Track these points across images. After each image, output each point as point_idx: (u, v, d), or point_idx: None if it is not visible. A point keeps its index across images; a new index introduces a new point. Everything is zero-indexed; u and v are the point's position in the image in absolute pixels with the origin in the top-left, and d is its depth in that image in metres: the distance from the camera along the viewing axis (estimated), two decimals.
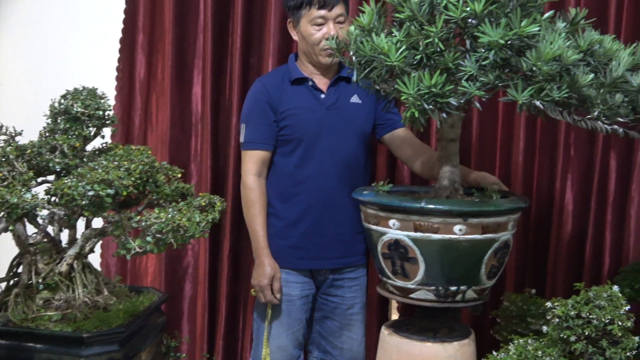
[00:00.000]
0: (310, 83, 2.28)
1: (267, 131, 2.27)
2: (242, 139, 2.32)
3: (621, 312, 1.64)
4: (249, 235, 2.34)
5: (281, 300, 2.29)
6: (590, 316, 1.64)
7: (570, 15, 1.58)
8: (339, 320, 2.40)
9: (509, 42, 1.40)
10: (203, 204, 1.73)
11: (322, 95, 2.28)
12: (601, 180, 2.63)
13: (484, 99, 1.51)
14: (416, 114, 1.46)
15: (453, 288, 1.74)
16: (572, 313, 1.66)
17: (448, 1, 1.50)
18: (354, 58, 1.65)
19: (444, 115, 1.50)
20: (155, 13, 2.78)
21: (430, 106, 1.46)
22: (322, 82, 2.30)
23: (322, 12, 2.16)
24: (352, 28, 1.69)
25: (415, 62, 1.53)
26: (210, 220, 1.67)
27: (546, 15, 1.51)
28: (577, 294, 1.71)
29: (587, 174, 2.65)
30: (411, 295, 1.79)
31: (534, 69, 1.38)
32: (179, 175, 1.83)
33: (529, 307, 2.16)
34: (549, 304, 1.73)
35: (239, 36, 2.69)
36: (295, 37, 2.30)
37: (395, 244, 1.74)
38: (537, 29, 1.41)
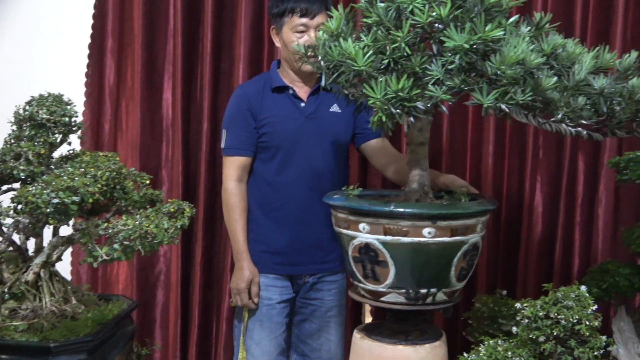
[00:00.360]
0: (290, 91, 2.30)
1: (248, 137, 2.28)
2: (222, 145, 2.33)
3: (588, 312, 1.67)
4: (230, 239, 2.35)
5: (262, 305, 2.31)
6: (559, 316, 1.66)
7: (535, 19, 1.60)
8: (317, 322, 2.42)
9: (474, 46, 1.41)
10: (172, 210, 1.72)
11: (302, 104, 2.30)
12: (570, 181, 2.67)
13: (450, 103, 1.52)
14: (384, 118, 1.46)
15: (423, 291, 1.75)
16: (541, 314, 1.68)
17: (414, 6, 1.50)
18: (322, 63, 1.65)
19: (412, 119, 1.50)
20: (125, 18, 2.76)
21: (398, 110, 1.47)
22: (302, 91, 2.31)
23: (304, 20, 2.18)
24: (320, 33, 1.69)
25: (382, 67, 1.54)
26: (179, 227, 1.65)
27: (511, 19, 1.53)
28: (545, 294, 1.73)
29: (556, 175, 2.69)
30: (382, 299, 1.79)
31: (498, 72, 1.39)
32: (148, 182, 1.82)
33: (500, 308, 2.18)
34: (518, 305, 1.75)
35: (209, 41, 2.68)
36: (277, 44, 2.31)
37: (366, 248, 1.74)
38: (502, 33, 1.42)
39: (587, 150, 2.65)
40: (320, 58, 1.67)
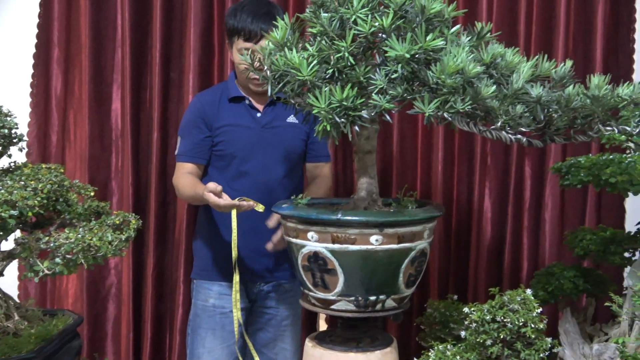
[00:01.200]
0: (247, 102, 2.31)
1: (200, 146, 2.29)
2: (176, 151, 2.35)
3: (534, 314, 1.70)
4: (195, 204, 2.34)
5: (215, 314, 2.30)
6: (505, 320, 1.69)
7: (477, 29, 1.64)
8: (272, 331, 2.41)
9: (415, 55, 1.43)
10: (117, 222, 1.68)
11: (258, 114, 2.31)
12: (517, 187, 2.73)
13: (394, 112, 1.54)
14: (328, 127, 1.47)
15: (372, 298, 1.76)
16: (488, 317, 1.71)
17: (357, 16, 1.52)
18: (268, 72, 1.66)
19: (357, 128, 1.52)
20: (71, 27, 2.72)
21: (342, 119, 1.48)
22: (259, 101, 2.33)
23: (248, 44, 2.18)
24: (266, 43, 1.69)
25: (327, 77, 1.55)
26: (125, 239, 1.63)
27: (453, 29, 1.56)
28: (493, 298, 1.76)
29: (504, 181, 2.75)
30: (332, 307, 1.80)
31: (439, 82, 1.41)
32: (92, 194, 1.78)
33: (451, 313, 2.21)
34: (466, 309, 1.78)
35: (158, 51, 2.66)
36: (231, 57, 2.35)
37: (315, 256, 1.74)
38: (442, 43, 1.45)
39: (533, 156, 2.72)
40: (266, 68, 1.67)
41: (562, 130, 1.55)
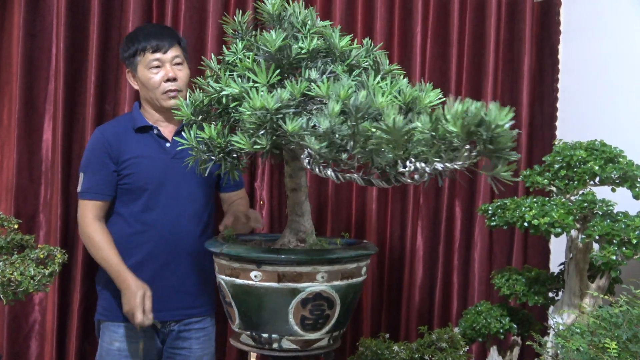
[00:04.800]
0: (155, 131, 2.26)
1: (105, 181, 2.21)
2: (79, 189, 2.25)
3: (460, 352, 1.74)
4: (107, 271, 2.19)
5: (122, 356, 2.20)
6: (433, 358, 1.72)
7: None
8: None
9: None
10: (42, 256, 1.63)
11: (167, 144, 2.26)
12: (448, 226, 2.81)
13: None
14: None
15: (265, 335, 1.73)
16: (417, 356, 1.74)
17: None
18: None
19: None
20: (2, 56, 2.65)
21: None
22: (167, 130, 2.28)
23: (157, 55, 2.18)
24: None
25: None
26: (49, 274, 1.57)
27: (355, 72, 1.60)
28: (422, 336, 1.79)
29: (435, 220, 2.82)
30: (240, 339, 1.81)
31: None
32: (16, 226, 1.72)
33: (382, 351, 2.21)
34: (396, 347, 1.80)
35: (93, 83, 2.62)
36: (135, 86, 2.30)
37: (220, 286, 1.81)
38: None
39: (462, 196, 2.81)
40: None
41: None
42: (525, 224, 1.89)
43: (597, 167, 1.95)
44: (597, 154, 1.99)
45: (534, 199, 1.98)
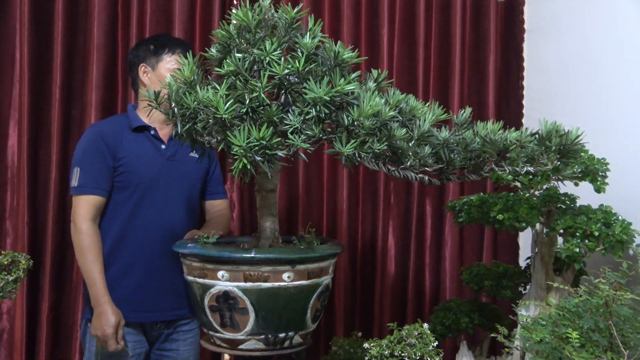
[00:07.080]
0: (152, 132, 2.25)
1: (103, 176, 2.17)
2: (74, 183, 2.17)
3: (430, 348, 1.76)
4: (86, 284, 2.16)
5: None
6: (403, 354, 1.74)
7: (373, 75, 1.71)
8: None
9: (334, 98, 1.50)
10: (6, 262, 1.58)
11: (163, 146, 2.26)
12: (419, 225, 2.84)
13: (309, 151, 1.58)
14: (248, 165, 1.49)
15: (282, 335, 1.77)
16: (386, 352, 1.76)
17: (270, 58, 1.56)
18: (175, 110, 1.64)
19: (272, 166, 1.55)
20: None
21: (260, 158, 1.50)
22: (163, 132, 2.27)
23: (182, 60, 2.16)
24: (170, 79, 1.66)
25: (240, 115, 1.57)
26: (13, 280, 1.53)
27: (354, 74, 1.61)
28: (392, 333, 1.81)
29: (406, 220, 2.85)
30: (240, 347, 1.78)
31: (357, 123, 1.48)
32: None
33: (355, 350, 2.23)
34: (366, 345, 1.81)
35: (58, 87, 2.58)
36: (146, 82, 2.24)
37: (225, 296, 1.73)
38: (354, 87, 1.52)
39: (433, 195, 2.85)
40: (173, 105, 1.65)
41: (457, 169, 1.65)
42: (491, 220, 1.94)
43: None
44: None
45: (499, 195, 2.02)
